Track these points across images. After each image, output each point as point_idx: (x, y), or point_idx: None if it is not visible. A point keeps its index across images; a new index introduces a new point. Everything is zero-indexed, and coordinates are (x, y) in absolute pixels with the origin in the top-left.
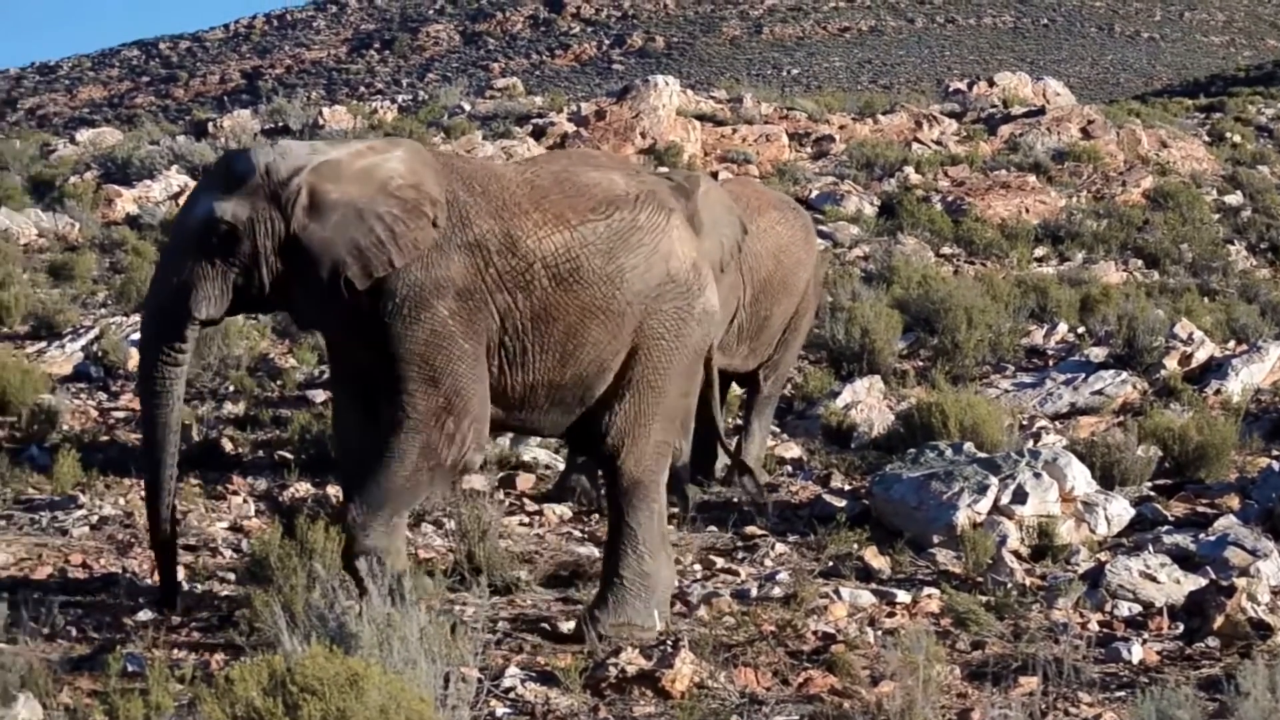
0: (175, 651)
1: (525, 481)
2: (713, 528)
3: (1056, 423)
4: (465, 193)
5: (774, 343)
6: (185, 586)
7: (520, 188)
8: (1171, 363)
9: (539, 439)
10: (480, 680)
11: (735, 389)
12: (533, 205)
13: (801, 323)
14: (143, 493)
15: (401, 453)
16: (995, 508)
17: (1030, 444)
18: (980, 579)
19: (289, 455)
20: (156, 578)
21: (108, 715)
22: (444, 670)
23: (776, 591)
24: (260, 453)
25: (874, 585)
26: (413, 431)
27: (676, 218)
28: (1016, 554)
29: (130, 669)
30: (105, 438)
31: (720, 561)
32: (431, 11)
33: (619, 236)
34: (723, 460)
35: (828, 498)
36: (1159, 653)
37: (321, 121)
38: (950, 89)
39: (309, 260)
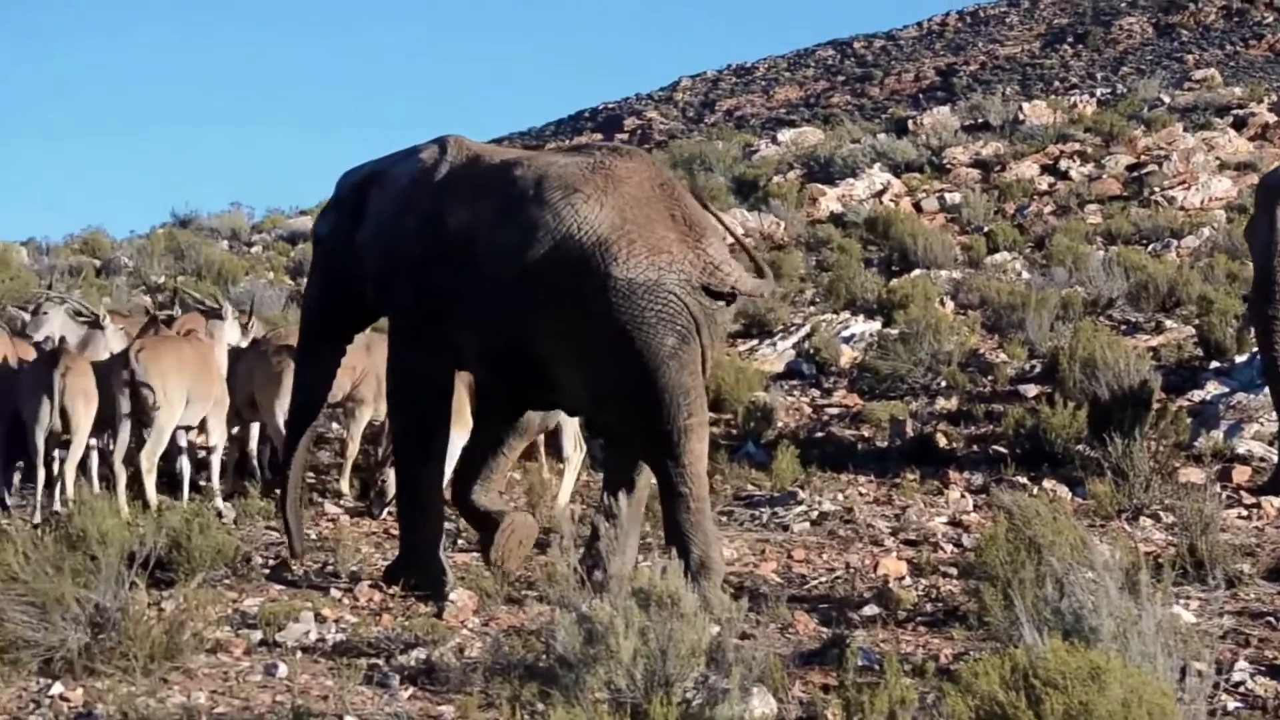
0: (902, 645)
1: (1241, 474)
2: None
3: None
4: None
5: None
6: (909, 581)
7: (462, 173)
8: None
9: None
10: (1215, 675)
11: None
12: (455, 188)
13: None
14: (860, 489)
15: None
16: None
17: None
18: None
19: (1003, 449)
20: (878, 571)
21: (844, 710)
22: (1179, 664)
23: None
24: (974, 447)
25: None
26: None
27: (578, 196)
28: None
29: (862, 663)
30: (820, 434)
31: None
32: (1124, 4)
33: (500, 212)
34: None
35: None
36: None
37: (1021, 116)
38: None
39: None
